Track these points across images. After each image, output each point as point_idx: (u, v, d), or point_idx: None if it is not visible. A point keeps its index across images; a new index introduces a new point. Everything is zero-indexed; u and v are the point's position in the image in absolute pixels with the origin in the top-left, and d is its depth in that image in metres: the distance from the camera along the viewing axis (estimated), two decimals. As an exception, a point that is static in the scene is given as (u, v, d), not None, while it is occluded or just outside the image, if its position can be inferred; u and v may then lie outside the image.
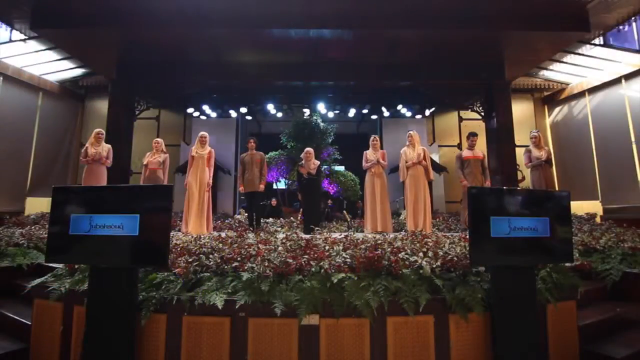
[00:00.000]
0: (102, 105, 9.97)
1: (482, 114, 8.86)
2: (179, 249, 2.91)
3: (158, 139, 6.33)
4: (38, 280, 2.78)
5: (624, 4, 5.91)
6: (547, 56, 8.03)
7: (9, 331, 2.92)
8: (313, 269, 2.52)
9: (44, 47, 7.83)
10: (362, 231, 6.04)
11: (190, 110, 10.79)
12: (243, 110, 10.83)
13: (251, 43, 7.34)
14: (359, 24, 6.51)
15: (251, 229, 5.67)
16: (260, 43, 7.31)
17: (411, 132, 5.93)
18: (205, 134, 6.02)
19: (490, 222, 2.39)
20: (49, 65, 8.64)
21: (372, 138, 6.02)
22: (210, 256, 2.74)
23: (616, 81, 8.24)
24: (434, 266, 2.57)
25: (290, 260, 2.55)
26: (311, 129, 10.15)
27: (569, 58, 8.47)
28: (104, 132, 6.07)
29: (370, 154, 5.93)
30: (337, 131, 10.72)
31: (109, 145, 5.98)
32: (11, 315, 2.98)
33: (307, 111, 10.74)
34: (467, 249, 2.61)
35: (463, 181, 5.71)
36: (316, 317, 2.33)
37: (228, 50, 7.63)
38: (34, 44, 7.67)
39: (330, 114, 11.07)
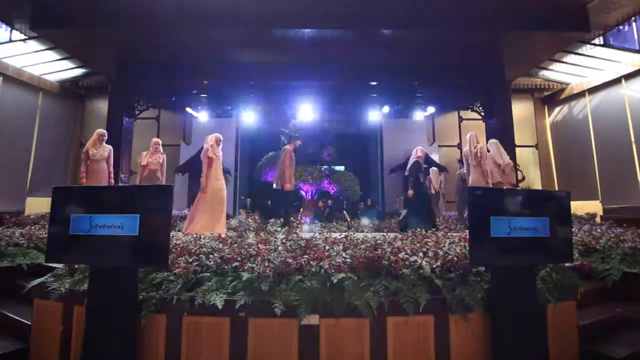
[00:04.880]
0: (102, 105, 9.96)
1: (482, 114, 8.86)
2: (179, 249, 2.91)
3: (159, 140, 6.32)
4: (38, 280, 2.77)
5: (624, 4, 5.91)
6: (547, 56, 8.04)
7: (9, 331, 2.92)
8: (313, 269, 2.52)
9: (44, 47, 7.84)
10: (363, 231, 6.04)
11: (190, 110, 10.78)
12: (243, 110, 10.82)
13: (251, 43, 7.35)
14: (359, 24, 6.51)
15: (279, 228, 5.59)
16: (260, 43, 7.31)
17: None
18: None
19: (490, 222, 2.38)
20: (49, 65, 8.64)
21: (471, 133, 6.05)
22: (210, 256, 2.73)
23: (616, 81, 8.24)
24: (434, 266, 2.57)
25: (290, 260, 2.55)
26: (311, 129, 10.16)
27: (569, 58, 8.47)
28: (106, 133, 6.05)
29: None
30: (337, 131, 10.72)
31: (110, 146, 5.98)
32: (11, 315, 2.98)
33: (307, 111, 10.73)
34: (467, 249, 2.60)
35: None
36: (316, 317, 2.33)
37: (228, 50, 7.63)
38: (34, 44, 7.67)
39: (331, 114, 11.06)
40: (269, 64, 8.19)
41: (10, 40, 7.43)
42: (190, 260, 2.63)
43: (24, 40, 7.41)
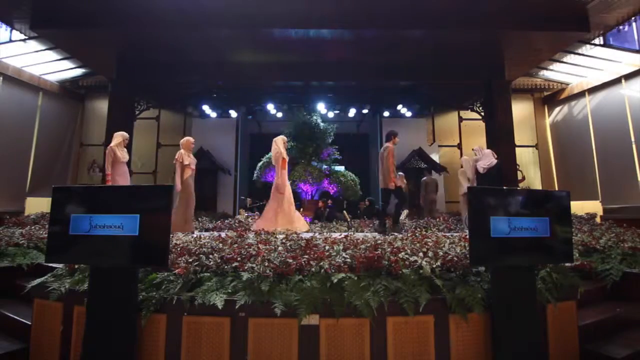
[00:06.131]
0: (102, 105, 9.97)
1: (482, 114, 8.87)
2: (179, 249, 2.91)
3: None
4: (38, 280, 2.77)
5: (624, 4, 5.91)
6: (547, 56, 8.03)
7: (9, 331, 2.92)
8: (313, 269, 2.52)
9: (44, 47, 7.83)
10: (362, 231, 6.04)
11: (190, 110, 10.79)
12: (243, 110, 10.84)
13: (251, 43, 7.34)
14: (359, 24, 6.51)
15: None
16: (260, 43, 7.31)
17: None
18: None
19: (490, 222, 2.39)
20: (49, 65, 8.64)
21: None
22: (210, 256, 2.73)
23: (616, 81, 8.24)
24: (434, 266, 2.57)
25: (290, 260, 2.55)
26: (311, 129, 10.16)
27: (569, 58, 8.47)
28: None
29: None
30: (337, 131, 10.73)
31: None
32: (11, 315, 2.98)
33: (307, 111, 10.74)
34: (467, 249, 2.60)
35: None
36: (316, 317, 2.33)
37: (228, 50, 7.63)
38: (34, 44, 7.66)
39: (330, 114, 11.07)
40: (269, 64, 8.19)
41: (10, 40, 7.43)
42: (190, 260, 2.64)
43: (24, 40, 7.41)
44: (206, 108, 10.78)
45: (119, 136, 5.79)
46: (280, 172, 5.62)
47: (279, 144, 5.77)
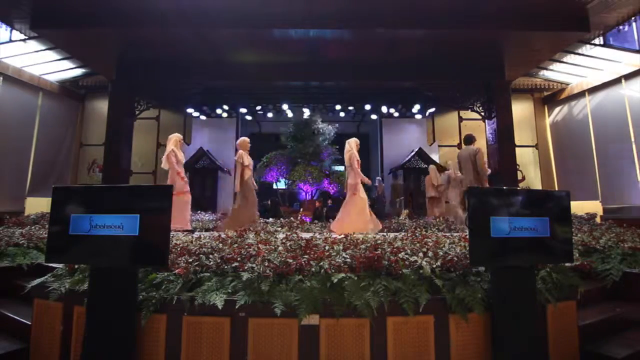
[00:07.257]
0: (102, 105, 9.97)
1: (482, 114, 8.86)
2: (179, 249, 2.91)
3: None
4: (38, 280, 2.77)
5: (624, 4, 5.91)
6: (547, 56, 8.04)
7: (9, 331, 2.91)
8: (313, 269, 2.52)
9: (44, 47, 7.84)
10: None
11: (190, 110, 10.79)
12: (243, 110, 10.84)
13: (251, 43, 7.35)
14: (359, 24, 6.51)
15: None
16: (260, 43, 7.32)
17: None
18: None
19: (490, 222, 2.38)
20: (49, 65, 8.64)
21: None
22: (210, 256, 2.73)
23: (616, 81, 8.24)
24: (434, 266, 2.57)
25: (290, 260, 2.55)
26: (311, 129, 10.17)
27: (569, 58, 8.48)
28: None
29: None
30: (337, 131, 10.73)
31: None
32: (11, 315, 2.97)
33: (307, 111, 10.75)
34: (467, 249, 2.60)
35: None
36: (316, 317, 2.33)
37: (228, 50, 7.63)
38: (34, 44, 7.67)
39: (330, 114, 11.08)
40: (269, 64, 8.19)
41: (10, 40, 7.43)
42: (190, 260, 2.63)
43: (24, 40, 7.41)
44: (206, 108, 10.79)
45: (174, 137, 5.81)
46: (355, 174, 5.55)
47: (352, 145, 5.69)
